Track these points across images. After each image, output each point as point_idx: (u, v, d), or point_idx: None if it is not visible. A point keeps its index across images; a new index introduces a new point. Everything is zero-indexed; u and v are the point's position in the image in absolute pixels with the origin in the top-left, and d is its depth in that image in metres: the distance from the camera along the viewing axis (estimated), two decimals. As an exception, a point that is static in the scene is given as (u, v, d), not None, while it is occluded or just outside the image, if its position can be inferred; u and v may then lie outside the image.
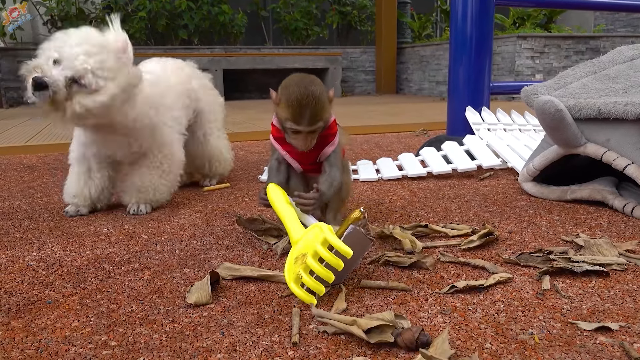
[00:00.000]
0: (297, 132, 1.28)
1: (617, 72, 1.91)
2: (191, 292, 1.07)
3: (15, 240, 1.48)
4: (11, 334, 0.95)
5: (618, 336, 0.90)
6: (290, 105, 1.26)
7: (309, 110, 1.25)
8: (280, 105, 1.29)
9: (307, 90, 1.26)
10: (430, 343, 0.87)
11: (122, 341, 0.92)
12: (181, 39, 7.70)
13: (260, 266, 1.24)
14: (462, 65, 2.59)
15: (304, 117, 1.26)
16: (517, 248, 1.34)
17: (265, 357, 0.86)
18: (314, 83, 1.28)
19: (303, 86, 1.27)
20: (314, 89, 1.26)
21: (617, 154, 1.64)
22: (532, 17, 7.36)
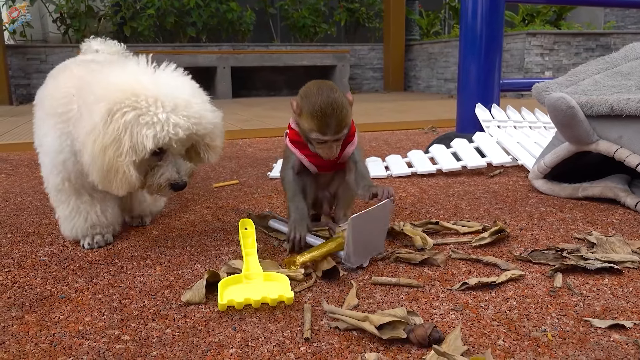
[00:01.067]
0: (323, 142, 1.26)
1: (629, 69, 1.89)
2: (187, 291, 1.07)
3: (27, 236, 1.49)
4: (25, 328, 0.96)
5: (632, 334, 0.89)
6: (315, 116, 1.22)
7: (334, 120, 1.22)
8: (302, 116, 1.25)
9: (330, 98, 1.22)
10: (443, 339, 0.86)
11: (135, 336, 0.92)
12: (189, 37, 7.72)
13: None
14: (472, 62, 2.58)
15: (330, 127, 1.23)
16: (528, 245, 1.34)
17: (277, 352, 0.86)
18: (333, 89, 1.24)
19: (325, 95, 1.23)
20: (336, 96, 1.23)
21: (629, 151, 1.63)
22: (541, 14, 7.31)
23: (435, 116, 4.29)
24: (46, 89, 1.39)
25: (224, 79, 6.93)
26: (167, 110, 1.13)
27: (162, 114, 1.12)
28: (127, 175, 1.14)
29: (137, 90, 1.14)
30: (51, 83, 1.40)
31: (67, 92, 1.28)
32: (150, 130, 1.12)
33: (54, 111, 1.28)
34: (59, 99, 1.28)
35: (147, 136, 1.12)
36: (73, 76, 1.33)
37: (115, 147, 1.12)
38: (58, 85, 1.33)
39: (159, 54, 2.14)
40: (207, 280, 1.08)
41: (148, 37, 7.57)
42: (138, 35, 7.57)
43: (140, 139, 1.12)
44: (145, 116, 1.12)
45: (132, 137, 1.12)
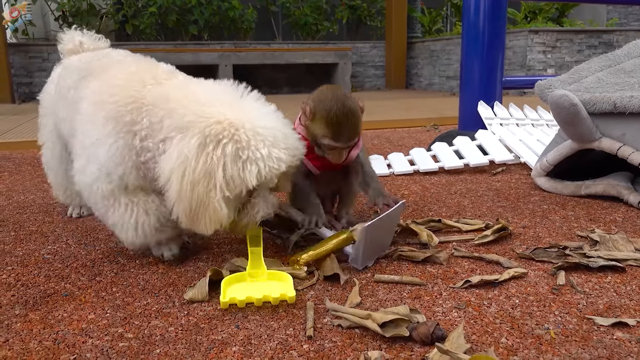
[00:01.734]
0: (333, 148, 1.26)
1: (632, 66, 1.88)
2: (190, 289, 1.08)
3: (30, 234, 1.49)
4: (29, 325, 0.96)
5: (635, 331, 0.89)
6: (330, 123, 1.22)
7: (348, 128, 1.23)
8: (315, 121, 1.25)
9: (345, 107, 1.22)
10: (446, 337, 0.86)
11: (138, 333, 0.92)
12: (191, 35, 7.71)
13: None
14: (474, 59, 2.58)
15: (344, 135, 1.23)
16: (531, 243, 1.33)
17: (280, 350, 0.86)
18: (347, 97, 1.25)
19: (340, 102, 1.23)
20: (351, 104, 1.23)
21: (632, 148, 1.62)
22: (544, 11, 7.28)
23: (438, 114, 4.28)
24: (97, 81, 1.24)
25: (225, 77, 6.90)
26: (267, 144, 1.04)
27: (263, 148, 1.03)
28: (218, 213, 1.04)
29: (234, 122, 1.04)
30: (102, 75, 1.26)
31: (136, 98, 1.13)
32: (253, 166, 1.03)
33: (119, 117, 1.12)
34: (125, 103, 1.13)
35: (251, 172, 1.03)
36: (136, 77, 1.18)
37: (207, 181, 1.02)
38: (117, 82, 1.18)
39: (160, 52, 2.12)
40: (209, 278, 1.08)
41: (150, 35, 7.57)
42: (140, 34, 7.57)
43: (241, 174, 1.03)
44: (247, 150, 1.03)
45: (227, 171, 1.02)
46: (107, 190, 1.16)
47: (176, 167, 1.03)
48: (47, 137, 1.61)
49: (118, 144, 1.12)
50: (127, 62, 1.32)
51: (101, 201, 1.19)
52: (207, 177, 1.02)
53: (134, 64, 1.28)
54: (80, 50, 1.59)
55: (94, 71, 1.31)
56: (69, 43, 1.59)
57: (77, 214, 1.66)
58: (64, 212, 1.70)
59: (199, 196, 1.02)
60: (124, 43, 7.28)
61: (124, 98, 1.13)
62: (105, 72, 1.27)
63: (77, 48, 1.59)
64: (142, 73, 1.21)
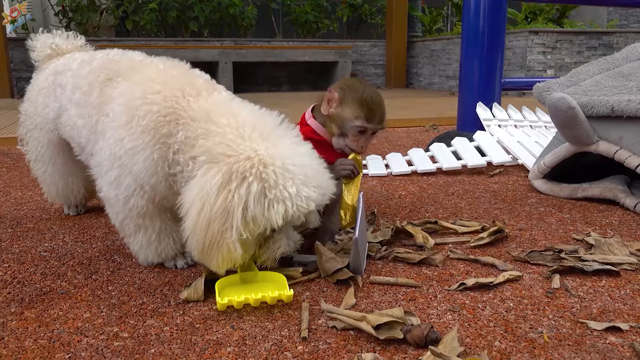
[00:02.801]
0: (362, 132, 1.28)
1: (630, 70, 1.89)
2: (185, 289, 1.08)
3: (27, 231, 1.50)
4: (24, 323, 0.96)
5: (628, 336, 0.90)
6: (364, 103, 1.25)
7: (381, 109, 1.28)
8: (345, 105, 1.27)
9: (376, 91, 1.29)
10: (440, 340, 0.87)
11: (134, 333, 0.93)
12: (191, 31, 7.70)
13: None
14: (473, 60, 2.58)
15: (377, 115, 1.27)
16: (527, 246, 1.34)
17: (274, 351, 0.87)
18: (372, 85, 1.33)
19: (370, 87, 1.29)
20: (378, 91, 1.31)
21: (629, 152, 1.63)
22: (544, 12, 7.28)
23: (437, 113, 4.29)
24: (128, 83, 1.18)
25: (225, 74, 6.92)
26: (296, 183, 1.00)
27: (292, 187, 0.99)
28: (231, 254, 0.99)
29: (265, 158, 0.99)
30: (133, 77, 1.20)
31: (175, 109, 1.09)
32: (280, 205, 0.98)
33: (158, 127, 1.08)
34: (165, 114, 1.09)
35: (277, 212, 0.98)
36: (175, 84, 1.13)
37: (223, 220, 0.97)
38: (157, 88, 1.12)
39: (161, 49, 2.10)
40: (205, 278, 1.09)
41: (150, 32, 7.56)
42: (140, 30, 7.56)
43: (265, 214, 0.98)
44: (274, 189, 0.98)
45: (249, 211, 0.98)
46: (142, 206, 1.13)
47: (196, 200, 0.99)
48: (41, 151, 1.53)
49: (154, 156, 1.08)
50: (155, 64, 1.26)
51: (136, 219, 1.16)
52: (224, 216, 0.98)
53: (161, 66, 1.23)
54: (58, 54, 1.53)
55: (120, 73, 1.24)
56: (44, 49, 1.54)
57: (74, 212, 1.66)
58: (62, 209, 1.70)
59: (213, 234, 0.98)
60: (124, 39, 7.27)
61: (165, 108, 1.09)
62: (137, 74, 1.21)
63: (54, 52, 1.53)
64: (180, 80, 1.16)
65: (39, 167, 1.57)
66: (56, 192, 1.59)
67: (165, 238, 1.19)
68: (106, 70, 1.27)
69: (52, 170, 1.55)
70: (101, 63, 1.32)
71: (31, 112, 1.51)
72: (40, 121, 1.48)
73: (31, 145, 1.55)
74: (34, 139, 1.53)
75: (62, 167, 1.54)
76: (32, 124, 1.51)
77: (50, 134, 1.48)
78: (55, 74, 1.44)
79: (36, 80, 1.52)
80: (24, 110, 1.55)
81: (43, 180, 1.59)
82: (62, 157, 1.53)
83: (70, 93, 1.34)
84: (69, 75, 1.38)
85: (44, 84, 1.47)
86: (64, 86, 1.38)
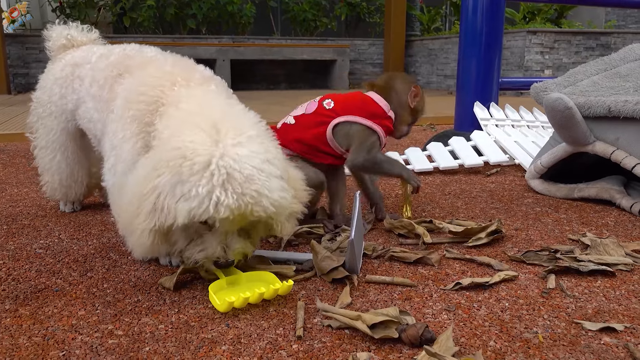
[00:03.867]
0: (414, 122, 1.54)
1: (628, 70, 1.89)
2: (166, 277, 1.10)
3: (23, 228, 1.49)
4: (19, 321, 0.96)
5: (623, 337, 0.90)
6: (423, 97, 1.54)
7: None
8: (421, 99, 1.53)
9: None
10: (435, 340, 0.87)
11: (128, 331, 0.93)
12: (189, 29, 7.69)
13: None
14: (471, 60, 2.58)
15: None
16: (523, 246, 1.34)
17: (269, 349, 0.86)
18: None
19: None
20: None
21: (626, 152, 1.63)
22: (542, 12, 7.29)
23: (435, 113, 4.29)
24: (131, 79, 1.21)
25: (223, 72, 6.91)
26: (217, 184, 0.93)
27: (204, 187, 0.93)
28: (142, 241, 0.99)
29: (187, 153, 0.96)
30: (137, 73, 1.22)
31: (158, 98, 1.13)
32: (185, 203, 0.94)
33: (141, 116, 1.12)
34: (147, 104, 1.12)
35: (181, 210, 0.94)
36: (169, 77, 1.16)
37: (136, 205, 0.98)
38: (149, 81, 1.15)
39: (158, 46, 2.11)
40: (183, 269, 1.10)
41: (148, 29, 7.54)
42: (138, 26, 7.54)
43: (175, 207, 0.95)
44: (183, 186, 0.95)
45: (158, 202, 0.97)
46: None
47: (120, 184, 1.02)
48: (52, 138, 1.54)
49: (138, 144, 1.11)
50: (163, 60, 1.27)
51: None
52: (138, 202, 0.99)
53: (170, 63, 1.24)
54: (73, 45, 1.56)
55: (130, 69, 1.26)
56: (59, 39, 1.56)
57: (70, 209, 1.65)
58: (57, 206, 1.69)
59: (125, 219, 1.02)
60: (122, 36, 7.25)
61: (150, 97, 1.12)
62: (142, 70, 1.23)
63: (69, 43, 1.56)
64: (177, 73, 1.17)
65: (46, 154, 1.57)
66: (60, 182, 1.58)
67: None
68: (120, 66, 1.30)
69: (60, 157, 1.56)
70: (118, 58, 1.35)
71: (45, 100, 1.53)
72: (56, 110, 1.50)
73: (41, 132, 1.57)
74: (45, 127, 1.55)
75: (72, 156, 1.56)
76: (44, 111, 1.53)
77: (66, 123, 1.51)
78: (73, 65, 1.47)
79: (52, 70, 1.53)
80: (36, 98, 1.57)
81: (48, 169, 1.59)
82: (73, 145, 1.55)
83: (88, 86, 1.37)
84: (87, 68, 1.40)
85: (60, 74, 1.49)
86: (83, 78, 1.40)
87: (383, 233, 1.43)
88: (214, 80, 1.23)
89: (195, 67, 1.26)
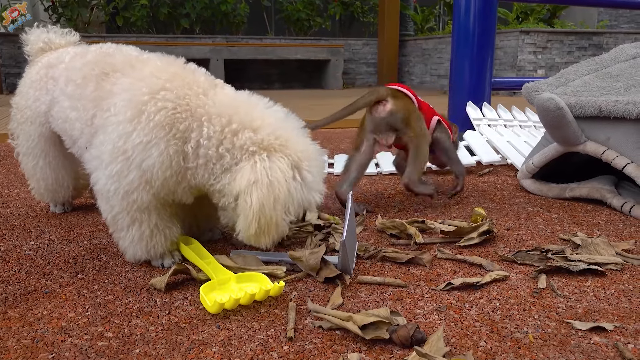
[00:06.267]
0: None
1: (619, 71, 1.90)
2: (157, 278, 1.10)
3: (13, 229, 1.48)
4: (7, 323, 0.95)
5: (613, 336, 0.90)
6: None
7: None
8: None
9: None
10: (425, 340, 0.87)
11: (118, 332, 0.92)
12: (183, 28, 7.67)
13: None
14: (464, 60, 2.58)
15: None
16: (514, 246, 1.34)
17: (260, 351, 0.86)
18: None
19: None
20: None
21: (616, 152, 1.64)
22: (535, 12, 7.32)
23: (428, 113, 4.29)
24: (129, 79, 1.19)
25: (217, 71, 6.90)
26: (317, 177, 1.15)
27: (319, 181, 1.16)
28: (282, 228, 1.12)
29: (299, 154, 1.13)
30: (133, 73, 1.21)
31: (191, 106, 1.13)
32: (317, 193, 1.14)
33: (174, 123, 1.11)
34: (182, 110, 1.12)
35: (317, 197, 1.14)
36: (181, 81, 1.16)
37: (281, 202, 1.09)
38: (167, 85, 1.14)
39: (152, 45, 2.09)
40: (175, 270, 1.10)
41: (141, 28, 7.52)
42: (131, 26, 7.51)
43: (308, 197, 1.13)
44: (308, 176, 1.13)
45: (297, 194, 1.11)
46: (146, 201, 1.14)
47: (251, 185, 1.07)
48: (32, 145, 1.51)
49: (169, 150, 1.10)
50: (151, 59, 1.27)
51: (134, 213, 1.15)
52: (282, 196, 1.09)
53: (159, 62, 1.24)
54: (51, 48, 1.53)
55: (117, 68, 1.25)
56: (37, 42, 1.54)
57: (60, 209, 1.64)
58: (48, 207, 1.68)
59: (273, 216, 1.08)
60: (115, 35, 7.22)
61: (181, 106, 1.12)
62: (137, 70, 1.21)
63: (47, 46, 1.53)
64: (183, 77, 1.18)
65: (29, 161, 1.55)
66: (45, 187, 1.56)
67: (158, 234, 1.19)
68: (101, 64, 1.27)
69: (43, 163, 1.53)
70: (95, 56, 1.32)
71: (22, 105, 1.50)
72: (31, 114, 1.48)
73: (22, 138, 1.54)
74: (25, 132, 1.52)
75: (54, 161, 1.53)
76: (22, 117, 1.51)
77: (41, 127, 1.47)
78: (47, 67, 1.45)
79: (28, 74, 1.51)
80: (15, 104, 1.54)
81: (32, 175, 1.57)
82: (53, 150, 1.52)
83: (63, 85, 1.34)
84: (61, 68, 1.38)
85: (35, 77, 1.47)
86: (57, 79, 1.38)
87: (375, 233, 1.43)
88: (217, 80, 1.26)
89: (192, 68, 1.25)
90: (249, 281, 1.09)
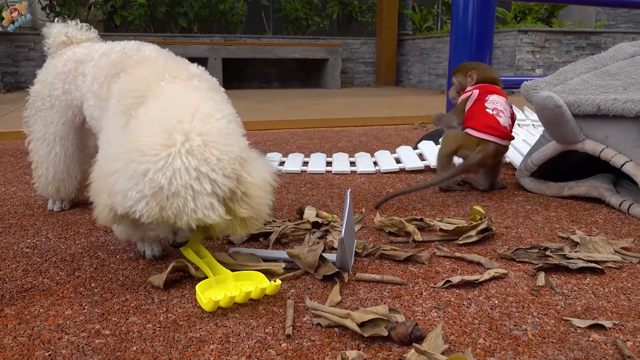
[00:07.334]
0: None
1: (617, 69, 1.90)
2: (155, 276, 1.10)
3: (10, 227, 1.47)
4: (4, 321, 0.95)
5: (611, 334, 0.90)
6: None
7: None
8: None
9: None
10: (424, 338, 0.86)
11: (116, 330, 0.92)
12: (181, 27, 7.65)
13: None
14: (462, 59, 2.58)
15: None
16: (513, 244, 1.34)
17: (258, 348, 0.86)
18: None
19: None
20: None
21: (615, 151, 1.64)
22: (533, 11, 7.32)
23: (426, 111, 4.29)
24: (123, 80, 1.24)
25: (215, 70, 6.88)
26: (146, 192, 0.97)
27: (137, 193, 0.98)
28: (102, 213, 1.05)
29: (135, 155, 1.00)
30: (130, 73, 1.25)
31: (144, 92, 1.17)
32: (124, 199, 0.99)
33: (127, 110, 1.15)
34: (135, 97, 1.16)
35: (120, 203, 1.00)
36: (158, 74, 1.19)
37: (101, 181, 1.04)
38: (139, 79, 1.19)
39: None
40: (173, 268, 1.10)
41: (139, 27, 7.50)
42: (129, 25, 7.49)
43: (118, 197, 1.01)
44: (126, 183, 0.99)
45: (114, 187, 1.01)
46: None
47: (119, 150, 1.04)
48: (49, 131, 1.54)
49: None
50: (157, 58, 1.31)
51: None
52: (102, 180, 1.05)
53: (162, 61, 1.27)
54: (72, 42, 1.59)
55: (126, 68, 1.28)
56: (59, 36, 1.59)
57: (58, 207, 1.64)
58: (45, 205, 1.67)
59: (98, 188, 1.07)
60: (113, 34, 7.20)
61: (137, 92, 1.16)
62: (136, 69, 1.25)
63: (69, 40, 1.58)
64: (168, 70, 1.20)
65: (43, 147, 1.57)
66: (54, 176, 1.58)
67: None
68: (119, 65, 1.32)
69: (59, 149, 1.56)
70: (117, 57, 1.37)
71: (44, 94, 1.54)
72: (58, 103, 1.52)
73: (38, 125, 1.57)
74: (44, 119, 1.55)
75: (71, 148, 1.57)
76: (44, 104, 1.54)
77: (73, 117, 1.53)
78: (76, 62, 1.49)
79: (53, 65, 1.55)
80: (34, 92, 1.58)
81: (43, 161, 1.58)
82: (73, 138, 1.57)
83: (90, 83, 1.40)
84: (90, 66, 1.43)
85: (62, 69, 1.51)
86: (86, 75, 1.43)
87: (373, 231, 1.43)
88: (200, 77, 1.24)
89: (185, 65, 1.28)
90: (246, 279, 1.08)
